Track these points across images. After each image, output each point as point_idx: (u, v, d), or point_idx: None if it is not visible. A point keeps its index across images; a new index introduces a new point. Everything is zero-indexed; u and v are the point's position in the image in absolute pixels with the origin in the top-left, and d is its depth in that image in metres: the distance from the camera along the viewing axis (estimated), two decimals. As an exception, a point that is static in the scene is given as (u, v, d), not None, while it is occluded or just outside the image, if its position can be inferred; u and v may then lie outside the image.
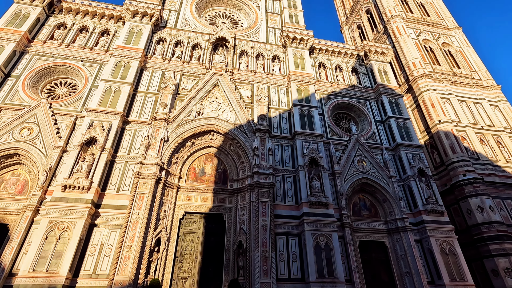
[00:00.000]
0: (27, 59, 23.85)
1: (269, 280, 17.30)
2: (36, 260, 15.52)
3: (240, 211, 20.54)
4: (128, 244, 16.89)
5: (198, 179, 22.06)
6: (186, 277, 18.60)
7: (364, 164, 24.29)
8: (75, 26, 26.99)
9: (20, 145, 19.50)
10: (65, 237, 16.43)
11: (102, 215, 18.10)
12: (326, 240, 19.18)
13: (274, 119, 25.24)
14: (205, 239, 20.07)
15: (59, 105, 22.09)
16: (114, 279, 15.85)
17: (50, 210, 16.91)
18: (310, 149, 22.58)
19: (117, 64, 23.92)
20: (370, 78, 31.69)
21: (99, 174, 18.64)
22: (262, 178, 20.70)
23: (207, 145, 23.19)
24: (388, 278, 20.98)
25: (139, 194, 18.51)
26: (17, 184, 19.33)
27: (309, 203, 20.25)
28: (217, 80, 25.17)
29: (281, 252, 19.12)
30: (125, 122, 21.93)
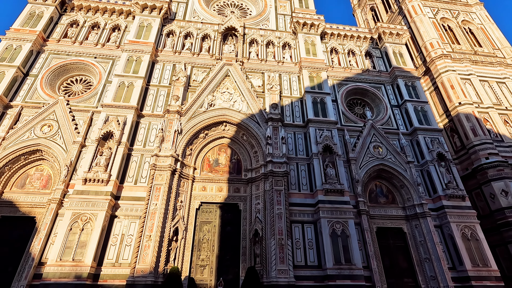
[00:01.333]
0: (43, 58, 24.54)
1: (285, 267, 17.45)
2: (63, 250, 16.31)
3: (255, 200, 20.67)
4: (147, 234, 17.42)
5: (213, 170, 22.30)
6: (204, 265, 19.06)
7: (380, 150, 23.74)
8: (87, 23, 27.43)
9: (42, 141, 20.28)
10: (88, 228, 17.14)
11: (122, 207, 18.70)
12: (343, 227, 19.06)
13: (286, 107, 24.97)
14: (222, 228, 20.40)
15: (76, 102, 22.71)
16: (136, 267, 16.45)
17: (73, 202, 17.63)
18: (324, 137, 22.26)
19: (129, 59, 24.23)
20: (384, 62, 30.63)
21: (116, 167, 19.18)
22: (276, 167, 20.66)
23: (220, 136, 23.31)
24: (407, 264, 20.70)
25: (155, 186, 18.94)
26: (41, 179, 20.22)
27: (324, 191, 20.10)
28: (227, 70, 25.05)
29: (297, 239, 19.18)
30: (139, 115, 22.31)
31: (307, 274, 18.13)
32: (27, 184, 19.93)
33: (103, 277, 16.60)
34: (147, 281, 16.10)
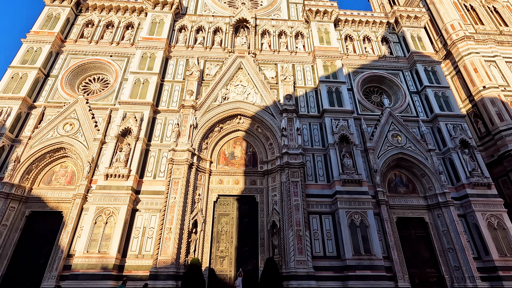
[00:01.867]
0: (62, 59, 25.32)
1: (304, 257, 17.48)
2: (89, 243, 17.05)
3: (271, 192, 20.71)
4: (168, 226, 17.89)
5: (229, 163, 22.47)
6: (223, 256, 19.41)
7: (399, 138, 23.07)
8: (101, 22, 27.95)
9: (65, 139, 21.07)
10: (111, 221, 17.79)
11: (142, 200, 19.25)
12: (361, 218, 18.80)
13: (301, 98, 24.64)
14: (239, 220, 20.63)
15: (94, 100, 23.37)
16: (158, 259, 16.98)
17: (96, 197, 18.31)
18: (340, 126, 21.87)
19: (143, 56, 24.57)
20: (402, 47, 29.48)
21: (136, 162, 19.70)
22: (292, 158, 20.54)
23: (235, 129, 23.38)
24: (429, 255, 20.23)
25: (174, 180, 19.33)
26: (66, 175, 21.09)
27: (341, 181, 19.84)
28: (240, 63, 24.95)
29: (315, 230, 19.13)
30: (156, 111, 22.70)
31: (326, 265, 18.10)
32: (53, 181, 20.86)
33: (128, 268, 17.26)
34: (169, 272, 16.61)
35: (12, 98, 21.73)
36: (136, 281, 16.50)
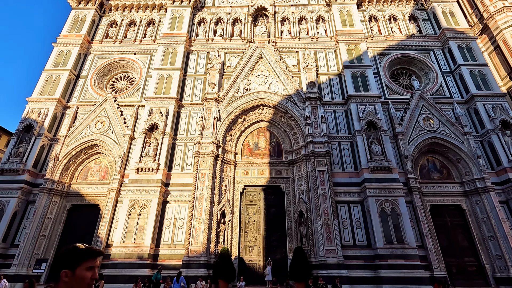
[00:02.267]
0: (90, 60, 26.41)
1: (333, 247, 17.29)
2: (125, 233, 17.99)
3: (297, 181, 20.55)
4: (197, 217, 18.41)
5: (253, 154, 22.53)
6: (252, 245, 19.69)
7: (431, 122, 21.83)
8: (124, 21, 28.69)
9: (97, 136, 22.15)
10: (144, 213, 18.61)
11: (172, 193, 19.90)
12: (392, 206, 18.17)
13: (324, 85, 23.97)
14: (266, 210, 20.75)
15: (122, 98, 24.24)
16: (189, 248, 17.58)
17: (129, 190, 19.18)
18: (366, 112, 21.06)
19: (165, 52, 25.00)
20: (432, 24, 27.58)
21: (164, 156, 20.32)
22: (317, 147, 20.18)
23: (258, 120, 23.31)
24: (467, 243, 19.23)
25: (200, 172, 19.75)
26: (100, 171, 22.25)
27: (370, 169, 19.22)
28: (260, 52, 24.64)
29: (344, 219, 18.80)
30: (180, 106, 23.15)
31: (356, 254, 17.80)
32: (89, 176, 22.11)
33: (161, 257, 18.06)
34: (200, 261, 17.16)
35: (48, 100, 23.09)
36: (170, 269, 17.21)
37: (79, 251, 1.65)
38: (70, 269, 1.58)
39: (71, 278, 1.56)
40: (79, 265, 1.59)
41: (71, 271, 1.58)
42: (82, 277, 1.57)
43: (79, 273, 1.57)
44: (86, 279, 1.57)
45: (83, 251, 1.66)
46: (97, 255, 1.70)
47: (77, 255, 1.64)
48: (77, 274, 1.56)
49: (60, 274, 1.57)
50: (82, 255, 1.64)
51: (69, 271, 1.57)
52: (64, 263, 1.61)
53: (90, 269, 1.61)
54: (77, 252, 1.65)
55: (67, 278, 1.56)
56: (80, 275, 1.57)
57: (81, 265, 1.59)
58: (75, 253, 1.64)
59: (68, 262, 1.61)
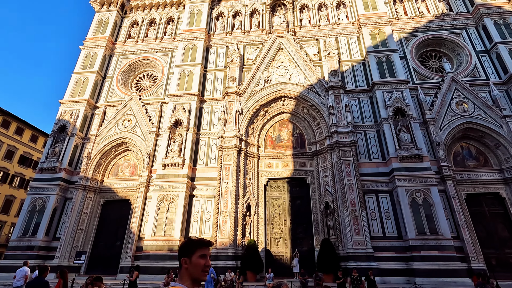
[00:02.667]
0: (115, 60, 27.32)
1: (362, 238, 16.91)
2: (155, 227, 18.69)
3: (322, 172, 20.22)
4: (223, 210, 18.70)
5: (276, 146, 22.40)
6: (278, 237, 19.74)
7: (465, 106, 20.51)
8: (145, 21, 29.30)
9: (125, 134, 23.02)
10: (172, 207, 19.19)
11: (198, 187, 20.32)
12: (424, 195, 17.39)
13: (347, 72, 23.18)
14: (291, 202, 20.66)
15: (146, 96, 24.94)
16: (217, 240, 17.95)
17: (157, 185, 19.83)
18: (393, 99, 20.14)
19: (185, 48, 25.28)
20: (464, 1, 25.64)
21: (188, 151, 20.75)
22: (342, 137, 19.67)
23: (279, 112, 23.08)
24: (508, 233, 18.05)
25: (224, 166, 19.96)
26: (129, 167, 23.18)
27: (398, 158, 18.45)
28: (280, 43, 24.23)
29: (372, 210, 18.29)
30: (202, 101, 23.42)
31: (386, 245, 17.30)
32: (119, 172, 23.11)
33: (191, 249, 18.55)
34: (228, 252, 17.48)
35: (78, 101, 24.24)
36: (199, 261, 17.65)
37: (193, 241, 1.94)
38: (187, 256, 1.87)
39: (189, 264, 1.85)
40: (194, 253, 1.87)
41: (189, 259, 1.86)
42: (197, 264, 1.86)
43: (194, 260, 1.86)
44: (200, 265, 1.86)
45: (195, 241, 1.94)
46: (207, 245, 1.95)
47: (191, 245, 1.92)
48: (193, 261, 1.86)
49: (180, 261, 1.90)
50: (195, 244, 1.92)
51: (187, 258, 1.87)
52: (183, 252, 1.92)
53: (203, 256, 1.88)
54: (191, 242, 1.94)
55: (186, 265, 1.86)
56: (195, 261, 1.86)
57: (195, 253, 1.87)
58: (190, 243, 1.94)
59: (185, 251, 1.91)
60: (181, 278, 1.86)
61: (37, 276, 5.67)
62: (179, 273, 1.89)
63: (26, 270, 10.78)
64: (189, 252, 1.88)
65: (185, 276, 1.86)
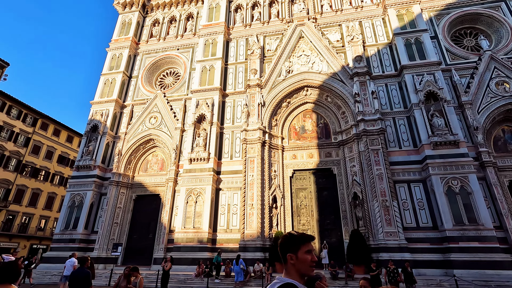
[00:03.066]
0: (139, 60, 28.13)
1: (394, 229, 16.29)
2: (184, 220, 19.24)
3: (349, 162, 19.64)
4: (249, 203, 18.82)
5: (300, 137, 22.06)
6: (306, 229, 19.57)
7: (506, 86, 18.88)
8: (165, 19, 29.78)
9: (152, 131, 23.76)
10: (200, 200, 19.63)
11: (223, 180, 20.58)
12: (461, 183, 16.35)
13: (373, 57, 22.15)
14: (318, 193, 20.34)
15: (170, 93, 25.49)
16: (245, 232, 18.14)
17: (185, 180, 20.34)
18: (424, 82, 18.98)
19: (206, 43, 25.41)
20: (503, -30, 23.37)
21: (213, 145, 21.01)
22: (369, 125, 18.92)
23: (302, 102, 22.64)
24: (559, 223, 16.52)
25: (249, 158, 20.01)
26: (157, 163, 23.97)
27: (432, 144, 17.44)
28: (300, 31, 23.60)
29: (404, 200, 17.53)
30: (224, 95, 23.52)
31: (420, 236, 16.55)
32: (148, 168, 23.98)
33: (219, 241, 18.98)
34: (256, 244, 17.61)
35: (108, 101, 25.31)
36: (228, 252, 18.01)
37: (296, 237, 1.91)
38: (293, 253, 1.86)
39: (295, 260, 1.84)
40: (299, 249, 1.86)
41: (295, 255, 1.85)
42: (304, 260, 1.84)
43: (301, 256, 1.84)
44: (307, 261, 1.84)
45: (298, 237, 1.91)
46: (310, 240, 1.92)
47: (295, 240, 1.90)
48: (299, 257, 1.84)
49: (286, 257, 1.87)
50: (299, 240, 1.89)
51: (293, 255, 1.85)
52: (288, 248, 1.89)
53: (308, 252, 1.86)
54: (294, 238, 1.91)
55: (293, 261, 1.85)
56: (302, 257, 1.84)
57: (301, 249, 1.86)
58: (293, 239, 1.91)
59: (290, 247, 1.88)
60: (288, 273, 1.86)
61: (79, 267, 6.00)
62: (286, 268, 1.88)
63: (74, 261, 11.67)
64: (294, 248, 1.86)
65: (292, 271, 1.85)
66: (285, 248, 1.91)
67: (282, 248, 1.92)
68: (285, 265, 1.89)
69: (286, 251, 1.89)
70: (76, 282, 5.72)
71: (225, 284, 15.07)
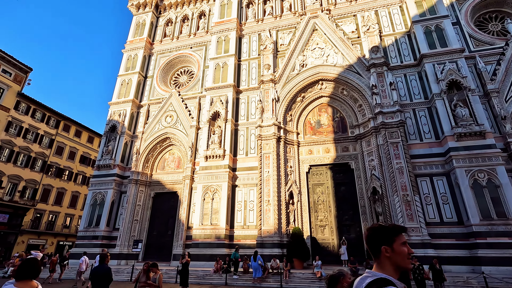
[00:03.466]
0: (154, 60, 28.54)
1: (416, 224, 15.73)
2: (202, 216, 19.44)
3: (367, 157, 19.12)
4: (266, 199, 18.73)
5: (316, 132, 21.69)
6: (323, 225, 19.29)
7: (536, 72, 17.67)
8: (178, 18, 30.01)
9: (168, 130, 24.11)
10: (216, 197, 19.74)
11: (239, 177, 20.59)
12: (488, 176, 15.52)
13: (390, 47, 21.36)
14: (335, 188, 19.97)
15: (184, 91, 25.73)
16: (262, 229, 18.09)
17: (201, 177, 20.51)
18: (446, 71, 18.11)
19: (218, 41, 25.40)
20: None
21: (228, 142, 21.04)
22: (387, 117, 18.31)
23: (317, 96, 22.21)
24: None
25: (264, 155, 19.89)
26: (174, 161, 24.32)
27: (455, 136, 16.65)
28: (314, 24, 23.10)
29: (426, 194, 16.88)
30: (238, 92, 23.46)
31: (445, 232, 15.90)
32: (166, 166, 24.38)
33: (236, 238, 19.04)
34: (273, 240, 17.53)
35: (125, 102, 25.88)
36: (245, 249, 18.05)
37: (388, 229, 1.83)
38: (388, 245, 1.77)
39: (391, 253, 1.75)
40: (394, 242, 1.78)
41: (390, 247, 1.76)
42: (401, 252, 1.76)
43: (397, 248, 1.76)
44: (404, 253, 1.76)
45: (391, 229, 1.82)
46: (403, 231, 1.85)
47: (388, 232, 1.81)
48: (395, 249, 1.76)
49: (379, 250, 1.78)
50: (392, 232, 1.81)
51: (388, 247, 1.76)
52: (381, 240, 1.80)
53: (404, 244, 1.78)
54: (387, 230, 1.82)
55: (388, 254, 1.76)
56: (398, 250, 1.76)
57: (395, 241, 1.78)
58: (385, 230, 1.82)
59: (383, 239, 1.79)
60: (382, 268, 1.76)
61: (99, 263, 6.11)
62: (379, 262, 1.78)
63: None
64: (388, 241, 1.77)
65: (386, 265, 1.75)
66: (377, 241, 1.80)
67: (374, 241, 1.82)
68: (376, 260, 1.79)
69: (379, 243, 1.79)
70: (96, 278, 5.85)
71: (243, 280, 15.12)
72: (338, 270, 2.42)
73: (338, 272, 2.39)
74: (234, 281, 15.04)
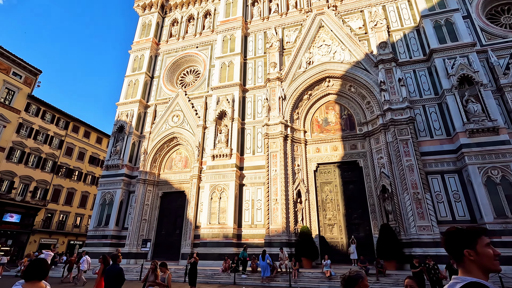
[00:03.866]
0: (160, 60, 28.66)
1: (427, 223, 15.41)
2: (209, 215, 19.44)
3: (376, 154, 18.82)
4: (273, 198, 18.62)
5: (323, 130, 21.46)
6: (332, 224, 19.09)
7: (552, 65, 17.11)
8: (183, 18, 30.06)
9: (175, 130, 24.18)
10: (224, 196, 19.72)
11: (246, 176, 20.52)
12: (502, 173, 15.10)
13: (399, 43, 20.98)
14: (344, 187, 19.74)
15: (190, 91, 25.76)
16: (270, 228, 17.99)
17: (208, 176, 20.51)
18: (457, 66, 17.67)
19: (224, 39, 25.34)
20: None
21: (235, 141, 20.99)
22: (397, 114, 17.98)
23: (324, 94, 21.97)
24: None
25: (272, 153, 19.77)
26: (181, 160, 24.39)
27: (467, 132, 16.25)
28: (320, 21, 22.82)
29: (437, 192, 16.53)
30: (244, 90, 23.37)
31: (457, 230, 15.49)
32: (173, 166, 24.48)
33: (245, 237, 18.99)
34: (282, 239, 17.42)
35: (132, 102, 26.06)
36: (253, 247, 17.98)
37: (467, 231, 1.77)
38: (471, 248, 1.72)
39: (475, 256, 1.70)
40: (477, 244, 1.72)
41: (473, 250, 1.71)
42: (486, 254, 1.70)
43: (481, 251, 1.71)
44: (490, 255, 1.70)
45: (470, 230, 1.77)
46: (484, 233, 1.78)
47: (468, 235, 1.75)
48: (480, 252, 1.70)
49: (463, 254, 1.72)
50: (474, 234, 1.75)
51: (471, 250, 1.71)
52: (463, 243, 1.74)
53: (487, 245, 1.73)
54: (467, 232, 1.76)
55: (472, 257, 1.71)
56: (483, 252, 1.70)
57: (478, 243, 1.72)
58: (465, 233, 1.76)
59: (465, 242, 1.74)
60: (469, 272, 1.70)
61: (112, 264, 6.12)
62: (464, 266, 1.73)
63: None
64: (471, 243, 1.72)
65: (473, 269, 1.70)
66: (459, 244, 1.75)
67: (455, 245, 1.77)
68: (460, 264, 1.74)
69: (460, 247, 1.73)
70: (110, 278, 5.86)
71: (252, 279, 15.05)
72: (355, 271, 2.26)
73: (356, 273, 2.23)
74: (242, 280, 14.98)
